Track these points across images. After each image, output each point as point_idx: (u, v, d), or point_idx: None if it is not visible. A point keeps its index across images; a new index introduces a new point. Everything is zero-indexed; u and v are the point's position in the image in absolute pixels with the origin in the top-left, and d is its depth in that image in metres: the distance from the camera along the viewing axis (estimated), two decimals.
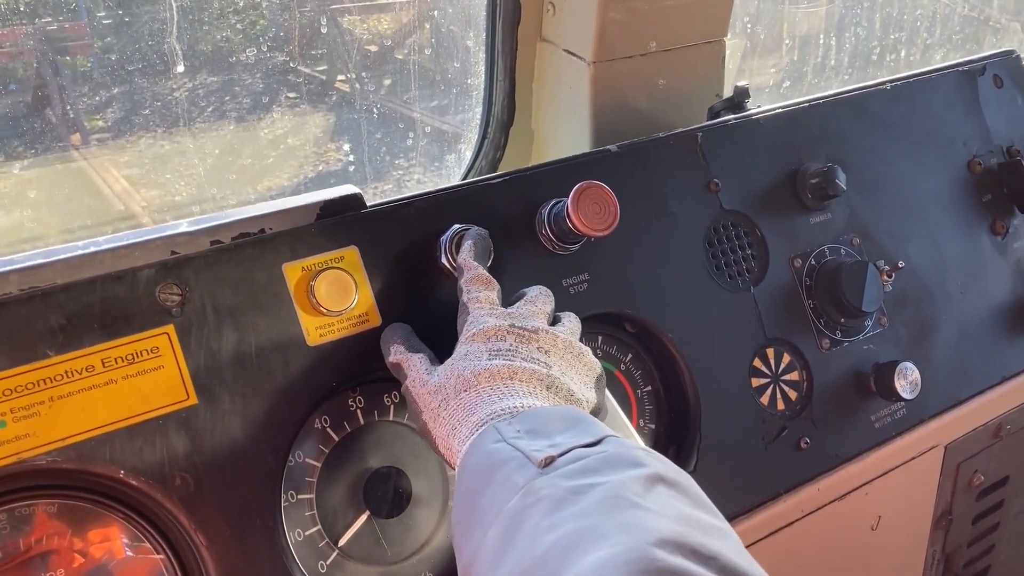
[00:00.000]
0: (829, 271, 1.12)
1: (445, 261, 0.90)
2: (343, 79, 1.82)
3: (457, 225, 0.91)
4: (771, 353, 1.09)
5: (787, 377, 1.09)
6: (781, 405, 1.08)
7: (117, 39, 1.51)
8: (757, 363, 1.07)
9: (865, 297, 1.10)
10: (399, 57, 1.81)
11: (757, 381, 1.07)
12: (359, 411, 0.89)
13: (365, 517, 0.87)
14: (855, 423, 1.12)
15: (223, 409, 0.80)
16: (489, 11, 1.26)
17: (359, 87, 1.78)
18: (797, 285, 1.12)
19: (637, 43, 1.22)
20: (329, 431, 0.87)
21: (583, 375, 0.79)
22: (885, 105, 1.25)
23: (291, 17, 1.62)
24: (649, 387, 1.05)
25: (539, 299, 0.85)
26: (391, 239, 0.90)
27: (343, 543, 0.86)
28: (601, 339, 1.02)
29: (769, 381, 1.08)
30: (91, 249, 0.79)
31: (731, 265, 1.09)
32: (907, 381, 1.11)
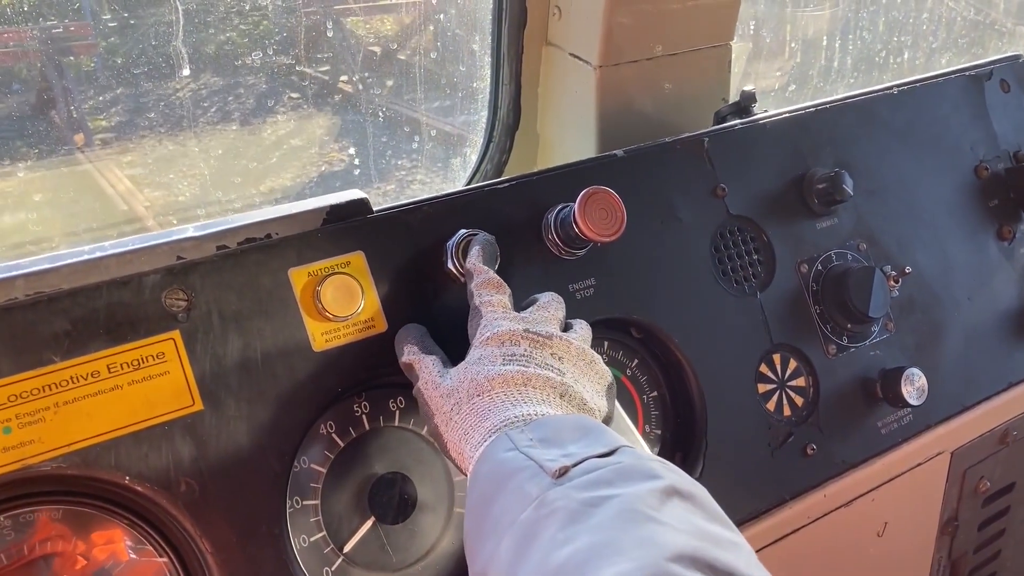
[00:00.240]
0: (836, 276, 1.12)
1: (451, 266, 0.90)
2: (345, 80, 1.81)
3: (464, 230, 0.91)
4: (777, 359, 1.08)
5: (793, 383, 1.09)
6: (787, 411, 1.08)
7: (121, 40, 1.51)
8: (763, 369, 1.07)
9: (872, 302, 1.09)
10: (402, 59, 1.81)
11: (763, 387, 1.07)
12: (365, 417, 0.89)
13: (370, 523, 0.87)
14: (861, 429, 1.12)
15: (229, 415, 0.80)
16: (495, 15, 1.26)
17: (362, 88, 1.78)
18: (804, 290, 1.12)
19: (643, 47, 1.22)
20: (335, 437, 0.87)
21: (595, 383, 0.79)
22: (892, 110, 1.24)
23: (295, 19, 1.62)
24: (655, 392, 1.05)
25: (551, 305, 0.84)
26: (397, 244, 0.90)
27: (348, 549, 0.86)
28: (607, 344, 1.02)
29: (775, 387, 1.08)
30: (97, 254, 0.79)
31: (737, 270, 1.08)
32: (914, 387, 1.11)
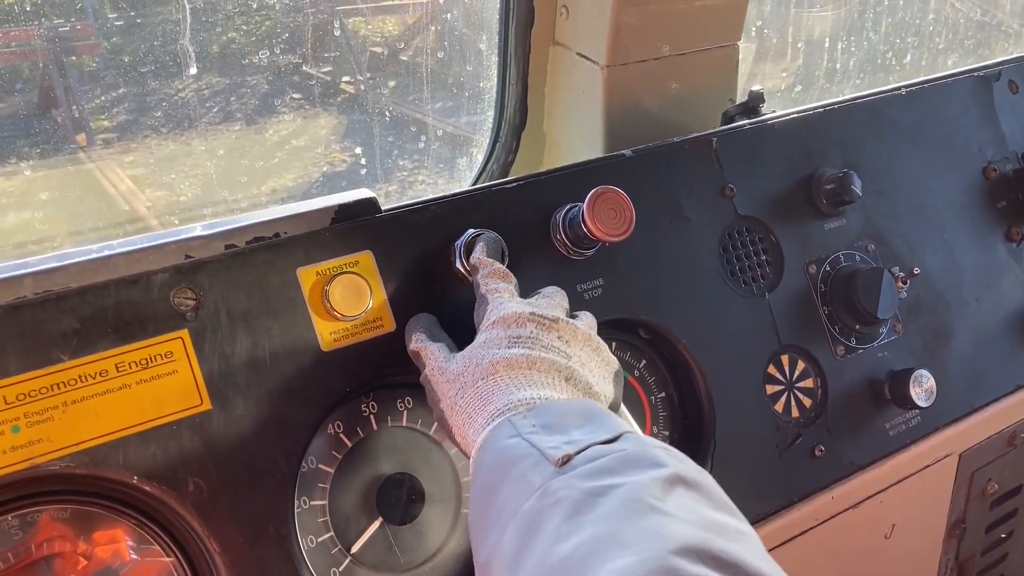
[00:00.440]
0: (844, 277, 1.11)
1: (460, 266, 0.90)
2: (348, 80, 1.81)
3: (472, 230, 0.91)
4: (786, 360, 1.08)
5: (802, 384, 1.08)
6: (796, 412, 1.07)
7: (124, 40, 1.51)
8: (772, 370, 1.07)
9: (880, 304, 1.09)
10: (408, 59, 1.81)
11: (772, 388, 1.06)
12: (372, 417, 0.88)
13: (378, 524, 0.86)
14: (870, 431, 1.11)
15: (237, 414, 0.79)
16: (502, 14, 1.26)
17: (364, 89, 1.77)
18: (812, 291, 1.11)
19: (650, 47, 1.21)
20: (342, 437, 0.87)
21: (601, 368, 0.78)
22: (900, 110, 1.24)
23: (300, 19, 1.62)
24: (663, 393, 1.04)
25: (556, 295, 0.85)
26: (405, 244, 0.90)
27: (356, 550, 0.86)
28: (615, 345, 1.01)
29: (784, 388, 1.07)
30: (105, 253, 0.79)
31: (746, 271, 1.08)
32: (922, 389, 1.10)
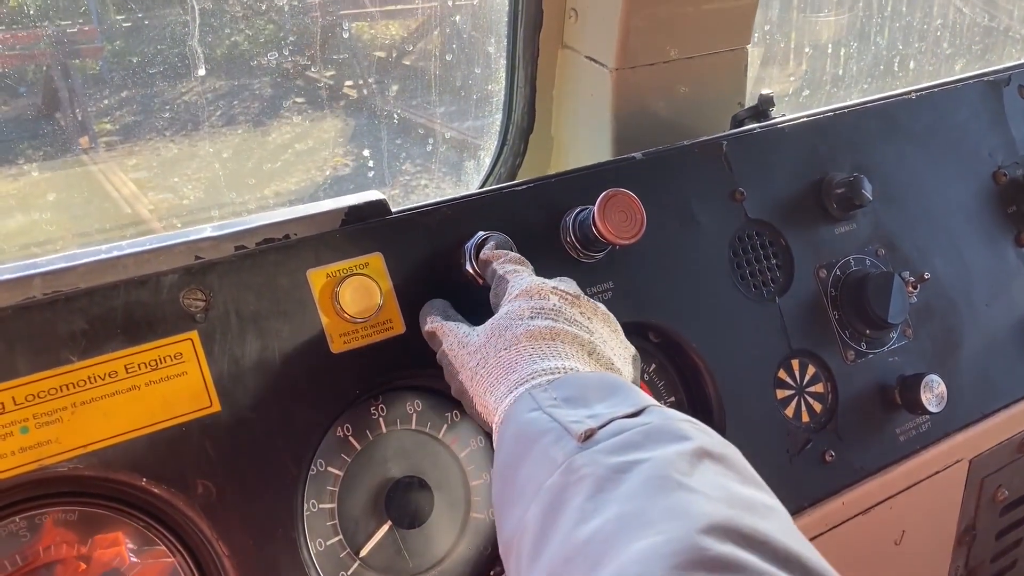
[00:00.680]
0: (854, 282, 1.11)
1: (470, 268, 0.90)
2: (351, 84, 1.81)
3: (481, 232, 0.90)
4: (796, 364, 1.07)
5: (812, 389, 1.08)
6: (806, 417, 1.07)
7: (127, 43, 1.51)
8: (782, 374, 1.06)
9: (891, 308, 1.08)
10: (411, 63, 1.80)
11: (782, 393, 1.06)
12: (382, 419, 0.88)
13: (387, 527, 0.86)
14: (880, 436, 1.10)
15: (246, 416, 0.79)
16: (511, 17, 1.26)
17: (367, 93, 1.77)
18: (822, 296, 1.11)
19: (659, 50, 1.21)
20: (352, 440, 0.86)
21: (621, 349, 0.78)
22: (910, 115, 1.24)
23: (307, 22, 1.61)
24: (673, 398, 1.04)
25: (568, 280, 0.84)
26: (415, 246, 0.89)
27: (364, 553, 0.85)
28: None
29: (794, 393, 1.06)
30: (114, 253, 0.78)
31: (756, 275, 1.07)
32: (933, 394, 1.09)
